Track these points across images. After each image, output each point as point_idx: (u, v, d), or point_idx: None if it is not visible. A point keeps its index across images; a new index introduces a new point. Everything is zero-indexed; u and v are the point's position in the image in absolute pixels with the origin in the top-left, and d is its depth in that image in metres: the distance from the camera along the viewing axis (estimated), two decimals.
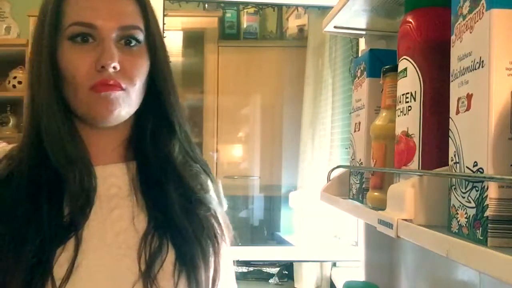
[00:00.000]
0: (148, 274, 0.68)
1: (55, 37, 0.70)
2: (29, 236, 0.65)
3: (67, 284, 0.64)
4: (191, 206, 0.76)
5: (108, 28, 0.69)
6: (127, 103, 0.71)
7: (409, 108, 0.64)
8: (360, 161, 0.89)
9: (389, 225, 0.61)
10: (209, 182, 0.83)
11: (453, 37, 0.53)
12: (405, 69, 0.65)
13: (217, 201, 0.81)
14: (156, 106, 0.76)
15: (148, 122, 0.77)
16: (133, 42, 0.72)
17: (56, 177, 0.69)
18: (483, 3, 0.47)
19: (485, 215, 0.45)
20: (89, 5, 0.70)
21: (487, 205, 0.45)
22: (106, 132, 0.75)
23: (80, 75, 0.69)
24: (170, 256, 0.70)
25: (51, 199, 0.68)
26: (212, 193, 0.82)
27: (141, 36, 0.72)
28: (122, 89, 0.70)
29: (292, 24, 2.69)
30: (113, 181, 0.74)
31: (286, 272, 2.31)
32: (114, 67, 0.68)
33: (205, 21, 2.68)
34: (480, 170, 0.46)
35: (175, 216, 0.73)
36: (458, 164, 0.51)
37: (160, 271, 0.69)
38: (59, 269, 0.64)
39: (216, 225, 0.77)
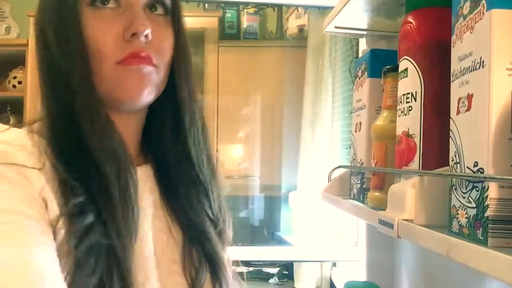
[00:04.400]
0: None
1: (76, 3, 0.58)
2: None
3: None
4: (214, 215, 0.69)
5: None
6: (157, 83, 0.61)
7: (410, 108, 0.64)
8: (361, 161, 0.90)
9: (389, 225, 0.61)
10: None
11: (453, 37, 0.54)
12: (406, 70, 0.65)
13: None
14: (171, 97, 0.65)
15: (162, 116, 0.66)
16: (162, 11, 0.62)
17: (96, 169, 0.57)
18: (483, 4, 0.47)
19: (485, 215, 0.45)
20: None
21: (488, 205, 0.45)
22: (127, 119, 0.63)
23: (107, 47, 0.58)
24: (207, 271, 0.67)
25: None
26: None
27: (169, 4, 0.62)
28: (153, 65, 0.60)
29: (292, 24, 2.69)
30: (143, 185, 0.64)
31: (286, 272, 2.31)
32: (146, 36, 0.58)
33: (205, 21, 2.67)
34: (481, 170, 0.46)
35: (204, 228, 0.67)
36: (458, 164, 0.51)
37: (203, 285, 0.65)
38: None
39: (228, 231, 0.74)
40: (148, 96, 0.60)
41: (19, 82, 2.61)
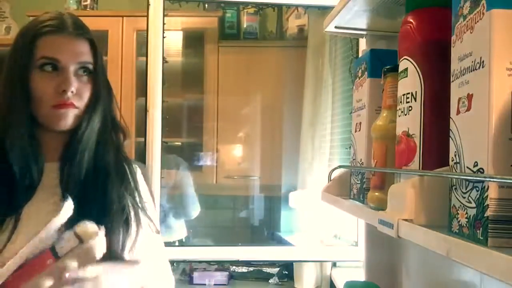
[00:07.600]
0: None
1: (27, 65, 0.95)
2: None
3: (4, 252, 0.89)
4: (109, 198, 0.99)
5: (69, 62, 0.96)
6: (77, 116, 0.99)
7: (410, 108, 0.64)
8: (361, 161, 0.90)
9: (389, 225, 0.61)
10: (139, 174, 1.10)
11: (453, 37, 0.54)
12: (406, 69, 0.65)
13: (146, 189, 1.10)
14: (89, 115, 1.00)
15: (79, 128, 1.00)
16: (86, 73, 0.99)
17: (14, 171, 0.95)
18: (483, 4, 0.47)
19: (485, 215, 0.45)
20: (56, 45, 0.97)
21: (488, 205, 0.45)
22: (59, 134, 1.00)
23: (47, 96, 0.95)
24: None
25: (7, 185, 0.94)
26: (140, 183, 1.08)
27: (91, 68, 1.00)
28: (75, 107, 0.97)
29: (292, 24, 2.69)
30: (56, 175, 0.99)
31: (286, 272, 2.31)
32: (72, 91, 0.95)
33: (205, 21, 2.67)
34: (481, 170, 0.46)
35: (92, 207, 0.96)
36: (458, 164, 0.51)
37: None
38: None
39: (133, 212, 1.01)
40: (70, 124, 0.98)
41: None
